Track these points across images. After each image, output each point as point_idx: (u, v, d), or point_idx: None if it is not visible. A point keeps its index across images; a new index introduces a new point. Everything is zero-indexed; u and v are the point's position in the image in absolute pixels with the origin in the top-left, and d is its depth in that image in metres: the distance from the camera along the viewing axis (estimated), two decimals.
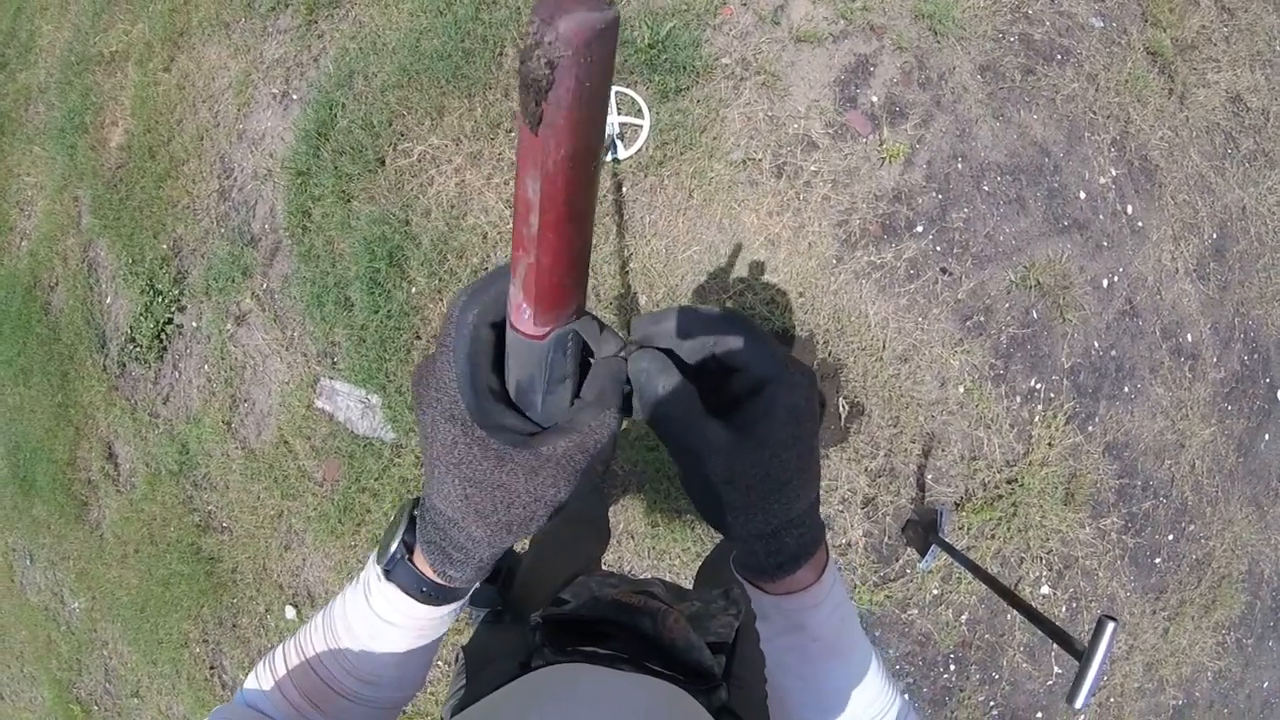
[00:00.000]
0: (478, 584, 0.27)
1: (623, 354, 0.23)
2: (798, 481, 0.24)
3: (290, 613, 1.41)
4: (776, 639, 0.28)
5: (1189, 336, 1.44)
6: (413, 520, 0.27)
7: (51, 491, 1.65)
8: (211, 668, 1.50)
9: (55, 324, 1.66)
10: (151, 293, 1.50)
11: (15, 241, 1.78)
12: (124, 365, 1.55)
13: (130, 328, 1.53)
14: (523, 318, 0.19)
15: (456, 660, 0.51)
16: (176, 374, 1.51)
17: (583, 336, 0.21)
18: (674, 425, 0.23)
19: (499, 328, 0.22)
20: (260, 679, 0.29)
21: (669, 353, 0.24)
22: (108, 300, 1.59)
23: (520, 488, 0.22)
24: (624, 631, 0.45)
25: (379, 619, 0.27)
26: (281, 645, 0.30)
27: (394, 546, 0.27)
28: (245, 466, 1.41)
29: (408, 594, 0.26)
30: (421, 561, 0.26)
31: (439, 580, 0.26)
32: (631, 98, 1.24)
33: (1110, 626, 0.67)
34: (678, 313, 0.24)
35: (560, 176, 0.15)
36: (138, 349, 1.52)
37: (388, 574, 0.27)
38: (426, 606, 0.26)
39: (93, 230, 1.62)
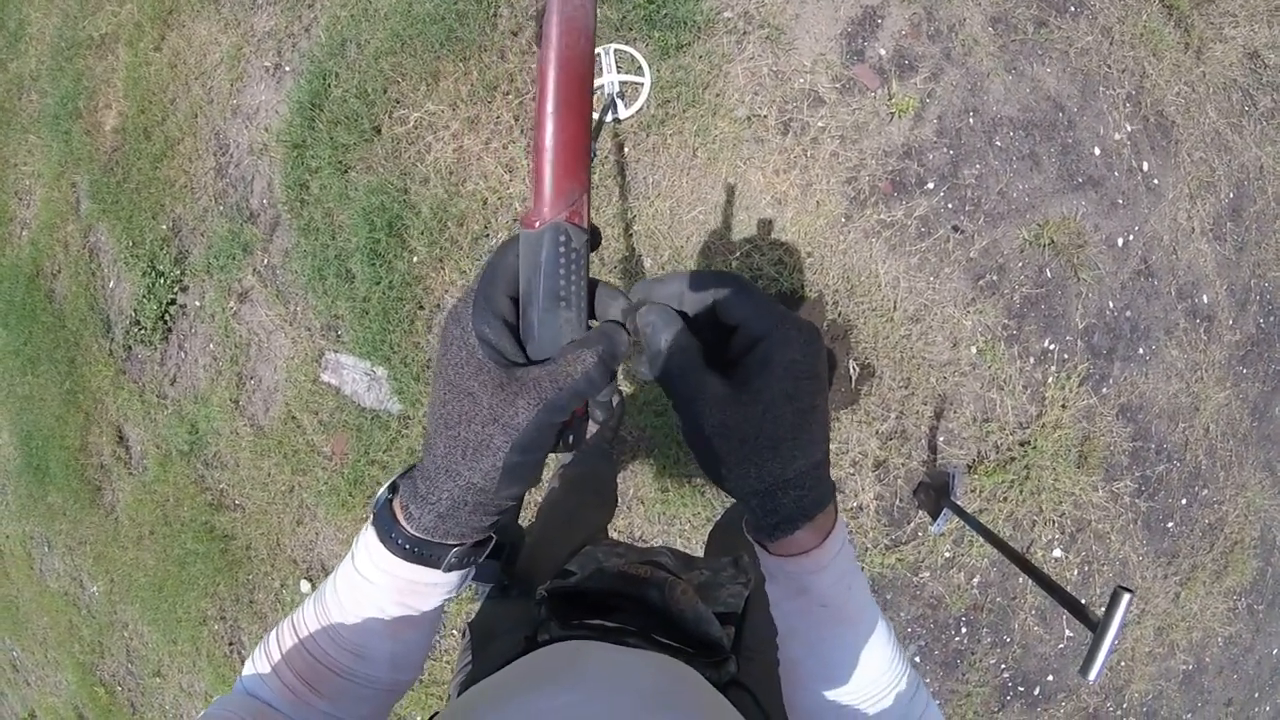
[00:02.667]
0: (455, 561, 0.25)
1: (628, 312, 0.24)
2: (795, 440, 0.23)
3: (305, 586, 1.40)
4: (784, 603, 0.27)
5: (1205, 298, 1.39)
6: (411, 470, 0.26)
7: (65, 478, 1.64)
8: (230, 644, 1.50)
9: (60, 311, 1.63)
10: (153, 274, 1.46)
11: (16, 231, 1.74)
12: (130, 348, 1.53)
13: (134, 310, 1.49)
14: (529, 212, 0.22)
15: (464, 636, 0.50)
16: (182, 354, 1.49)
17: (575, 246, 0.22)
18: (673, 375, 0.23)
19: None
20: (257, 664, 0.28)
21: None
22: (110, 284, 1.56)
23: (485, 400, 0.22)
24: (631, 603, 0.43)
25: (359, 574, 0.26)
26: (277, 628, 0.28)
27: (382, 490, 0.26)
28: (254, 444, 1.39)
29: (383, 542, 0.25)
30: (399, 505, 0.25)
31: (406, 524, 0.24)
32: (631, 55, 1.18)
33: (1125, 598, 0.64)
34: (672, 277, 0.24)
35: (551, 70, 0.20)
36: (142, 331, 1.49)
37: (375, 519, 0.26)
38: (401, 562, 0.25)
39: (92, 215, 1.58)
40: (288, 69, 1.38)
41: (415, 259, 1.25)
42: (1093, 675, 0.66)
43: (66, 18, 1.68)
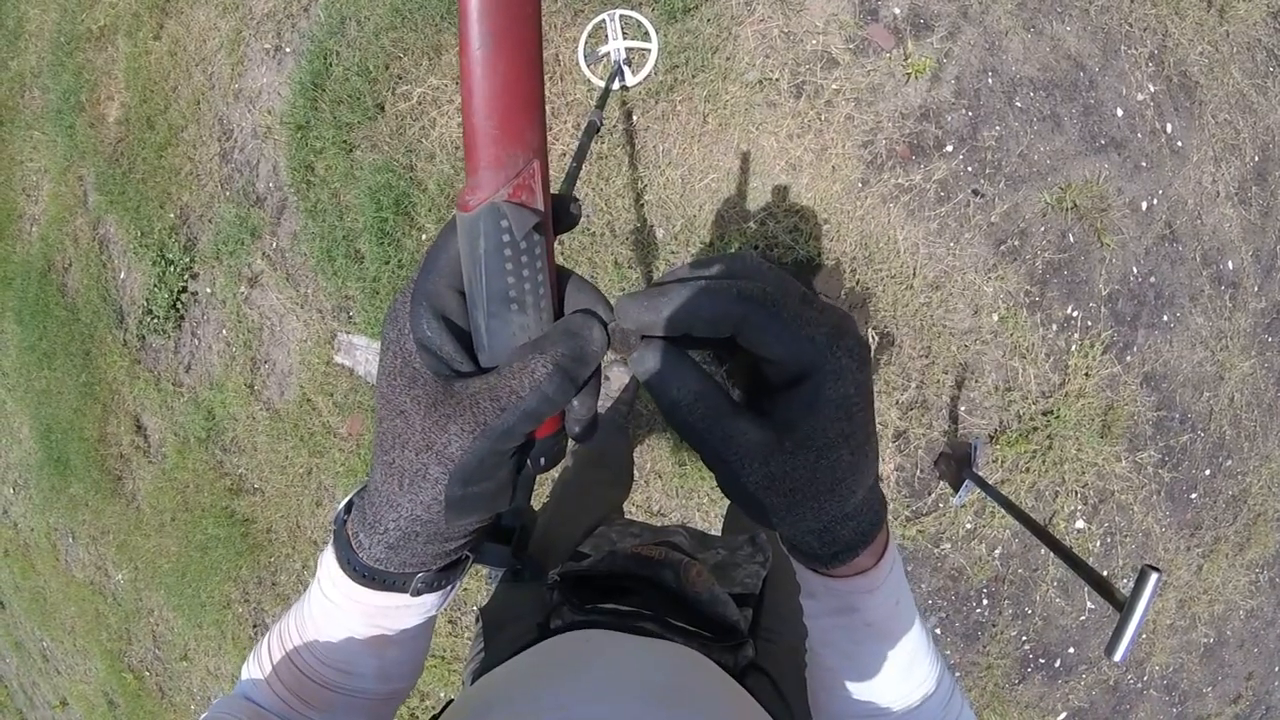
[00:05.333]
0: (424, 586, 0.22)
1: (612, 325, 0.19)
2: (852, 478, 0.20)
3: None
4: (824, 618, 0.25)
5: (1230, 264, 1.32)
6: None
7: (86, 469, 1.63)
8: (254, 626, 1.49)
9: (73, 305, 1.61)
10: (163, 263, 1.44)
11: (26, 228, 1.72)
12: (143, 338, 1.51)
13: (146, 300, 1.47)
14: (464, 188, 0.16)
15: (476, 622, 0.47)
16: (196, 341, 1.46)
17: (520, 234, 0.16)
18: (698, 433, 0.19)
19: None
20: (251, 669, 0.27)
21: (676, 338, 0.19)
22: (121, 275, 1.54)
23: (417, 422, 0.18)
24: (645, 585, 0.41)
25: (325, 597, 0.24)
26: (268, 635, 0.27)
27: (339, 507, 0.24)
28: (271, 427, 1.37)
29: (341, 567, 0.22)
30: (350, 529, 0.22)
31: (358, 552, 0.22)
32: (637, 20, 1.12)
33: (1154, 577, 0.59)
34: (675, 296, 0.18)
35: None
36: (155, 320, 1.46)
37: (334, 539, 0.23)
38: (358, 586, 0.22)
39: (100, 207, 1.55)
40: (288, 50, 1.33)
41: (424, 236, 1.21)
42: (1119, 656, 0.62)
43: (64, 12, 1.64)
